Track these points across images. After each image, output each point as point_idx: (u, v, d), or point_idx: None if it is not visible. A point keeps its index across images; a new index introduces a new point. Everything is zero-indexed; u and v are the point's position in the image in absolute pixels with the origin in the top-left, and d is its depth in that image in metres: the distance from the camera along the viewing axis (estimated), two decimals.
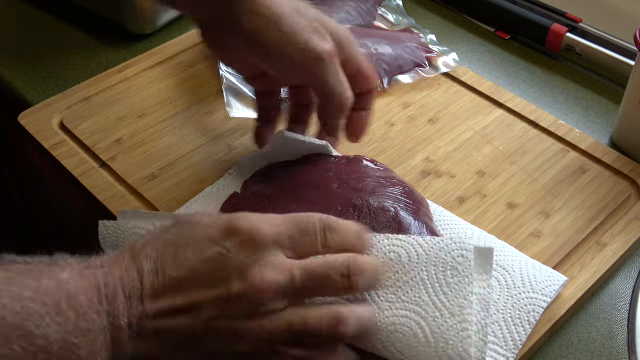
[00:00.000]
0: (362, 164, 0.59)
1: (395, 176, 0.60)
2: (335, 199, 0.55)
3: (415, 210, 0.55)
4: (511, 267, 0.54)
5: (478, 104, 0.74)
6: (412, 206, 0.56)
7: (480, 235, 0.57)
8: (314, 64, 0.54)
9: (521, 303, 0.52)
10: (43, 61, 0.81)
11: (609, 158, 0.67)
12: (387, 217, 0.54)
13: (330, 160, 0.60)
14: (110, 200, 0.64)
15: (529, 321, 0.51)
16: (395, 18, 0.86)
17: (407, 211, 0.55)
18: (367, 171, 0.59)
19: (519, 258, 0.55)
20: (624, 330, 0.55)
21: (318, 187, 0.57)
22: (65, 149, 0.69)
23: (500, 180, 0.65)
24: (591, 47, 0.78)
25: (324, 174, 0.58)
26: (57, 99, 0.74)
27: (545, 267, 0.55)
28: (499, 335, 0.50)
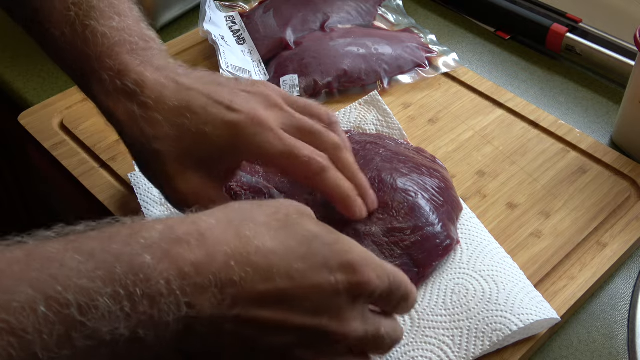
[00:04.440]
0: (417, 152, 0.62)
1: (440, 170, 0.60)
2: (370, 168, 0.57)
3: (438, 206, 0.56)
4: (503, 285, 0.53)
5: (478, 104, 0.74)
6: (437, 201, 0.56)
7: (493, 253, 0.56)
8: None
9: (492, 319, 0.51)
10: (43, 61, 0.81)
11: (609, 158, 0.67)
12: (404, 199, 0.55)
13: (398, 142, 0.63)
14: (110, 200, 0.64)
15: (490, 338, 0.50)
16: (395, 18, 0.86)
17: (428, 202, 0.55)
18: (415, 158, 0.60)
19: (518, 281, 0.54)
20: (624, 330, 0.55)
21: (365, 156, 0.59)
22: (65, 149, 0.69)
23: (500, 180, 0.65)
24: (591, 47, 0.78)
25: (378, 148, 0.59)
26: (57, 99, 0.74)
27: (543, 300, 0.53)
28: (456, 341, 0.50)
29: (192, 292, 0.36)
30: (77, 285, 0.33)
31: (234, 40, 0.80)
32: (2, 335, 0.31)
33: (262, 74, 0.76)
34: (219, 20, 0.81)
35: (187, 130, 0.48)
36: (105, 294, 0.34)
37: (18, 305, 0.32)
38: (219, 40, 0.77)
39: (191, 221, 0.39)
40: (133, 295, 0.34)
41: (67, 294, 0.33)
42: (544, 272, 0.57)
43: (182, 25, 0.86)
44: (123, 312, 0.34)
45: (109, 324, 0.34)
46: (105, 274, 0.34)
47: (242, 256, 0.38)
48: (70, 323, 0.33)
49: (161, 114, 0.49)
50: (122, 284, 0.34)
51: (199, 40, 0.81)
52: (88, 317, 0.33)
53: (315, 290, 0.39)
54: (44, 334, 0.32)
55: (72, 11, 0.52)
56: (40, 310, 0.32)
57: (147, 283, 0.35)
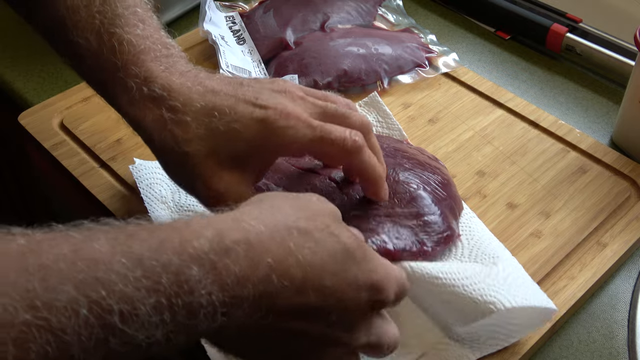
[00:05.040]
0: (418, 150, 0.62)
1: (441, 168, 0.60)
2: None
3: (440, 199, 0.56)
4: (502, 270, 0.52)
5: (478, 104, 0.74)
6: (439, 194, 0.56)
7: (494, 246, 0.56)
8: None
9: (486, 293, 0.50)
10: (43, 61, 0.81)
11: (609, 158, 0.67)
12: (406, 190, 0.55)
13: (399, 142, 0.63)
14: (110, 200, 0.64)
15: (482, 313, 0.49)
16: (395, 18, 0.86)
17: (430, 194, 0.55)
18: (417, 155, 0.60)
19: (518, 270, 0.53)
20: (624, 330, 0.55)
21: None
22: (65, 149, 0.69)
23: (500, 180, 0.65)
24: (591, 47, 0.78)
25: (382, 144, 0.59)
26: (57, 99, 0.74)
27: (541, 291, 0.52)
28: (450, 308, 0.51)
29: (230, 303, 0.36)
30: (121, 292, 0.33)
31: (234, 40, 0.80)
32: (41, 333, 0.31)
33: (262, 74, 0.76)
34: (219, 20, 0.81)
35: (217, 130, 0.49)
36: (148, 303, 0.33)
37: (60, 305, 0.31)
38: (219, 40, 0.77)
39: (241, 227, 0.38)
40: (174, 306, 0.34)
41: (110, 299, 0.32)
42: (544, 272, 0.57)
43: (182, 25, 0.86)
44: (162, 321, 0.34)
45: (146, 331, 0.34)
46: (151, 283, 0.34)
47: (282, 269, 0.38)
48: (109, 328, 0.32)
49: (190, 116, 0.49)
50: (166, 295, 0.34)
51: (199, 40, 0.81)
52: (128, 325, 0.33)
53: (341, 306, 0.40)
54: (82, 336, 0.32)
55: (97, 19, 0.52)
56: (82, 313, 0.32)
57: (190, 295, 0.35)
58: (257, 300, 0.37)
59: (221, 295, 0.36)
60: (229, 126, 0.48)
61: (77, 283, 0.32)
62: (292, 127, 0.49)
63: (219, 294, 0.36)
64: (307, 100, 0.51)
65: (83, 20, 0.52)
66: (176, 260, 0.35)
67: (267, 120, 0.48)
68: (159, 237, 0.36)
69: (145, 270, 0.34)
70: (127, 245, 0.35)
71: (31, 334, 0.30)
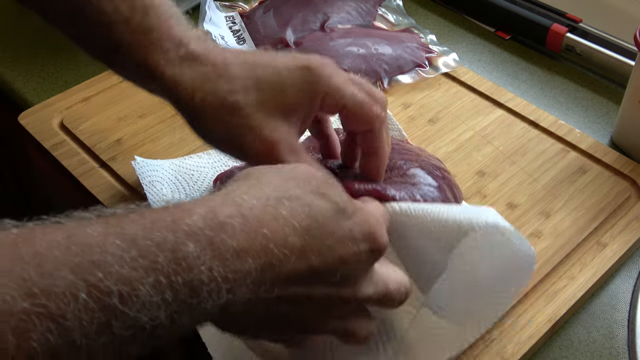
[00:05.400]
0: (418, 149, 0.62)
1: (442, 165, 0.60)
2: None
3: (438, 178, 0.55)
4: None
5: (478, 104, 0.74)
6: (438, 175, 0.55)
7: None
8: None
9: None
10: (43, 61, 0.81)
11: (609, 158, 0.67)
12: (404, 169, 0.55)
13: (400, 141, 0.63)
14: (110, 200, 0.64)
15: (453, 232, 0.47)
16: (395, 18, 0.86)
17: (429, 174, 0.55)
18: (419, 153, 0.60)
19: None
20: (624, 330, 0.55)
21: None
22: (65, 149, 0.69)
23: (500, 180, 0.65)
24: (591, 47, 0.78)
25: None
26: (57, 99, 0.74)
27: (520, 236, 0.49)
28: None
29: (233, 279, 0.36)
30: (118, 273, 0.32)
31: (234, 40, 0.80)
32: (41, 320, 0.30)
33: None
34: (219, 20, 0.82)
35: (264, 79, 0.49)
36: (147, 283, 0.33)
37: (58, 291, 0.31)
38: (219, 40, 0.77)
39: (232, 201, 0.38)
40: (174, 284, 0.34)
41: (108, 281, 0.32)
42: (544, 272, 0.57)
43: None
44: (164, 301, 0.33)
45: (149, 312, 0.33)
46: (147, 262, 0.33)
47: (280, 238, 0.38)
48: (110, 311, 0.32)
49: (234, 69, 0.50)
50: (164, 273, 0.34)
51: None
52: (129, 306, 0.32)
53: (342, 262, 0.40)
54: (83, 320, 0.31)
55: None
56: (81, 297, 0.31)
57: (189, 272, 0.34)
58: (260, 273, 0.37)
59: (222, 270, 0.35)
60: (276, 74, 0.49)
61: (73, 267, 0.32)
62: (336, 75, 0.50)
63: (220, 269, 0.35)
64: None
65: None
66: (171, 237, 0.35)
67: (312, 66, 0.50)
68: (150, 217, 0.35)
69: (140, 250, 0.34)
70: (119, 227, 0.34)
71: (31, 322, 0.30)
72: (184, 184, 0.62)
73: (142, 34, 0.51)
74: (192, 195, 0.61)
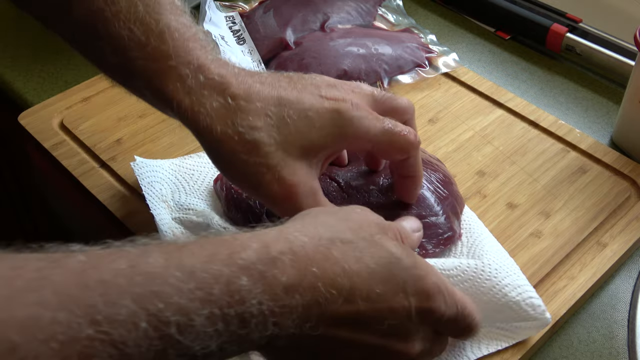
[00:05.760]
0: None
1: (442, 166, 0.60)
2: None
3: (442, 199, 0.56)
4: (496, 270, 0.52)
5: (478, 104, 0.74)
6: (441, 193, 0.56)
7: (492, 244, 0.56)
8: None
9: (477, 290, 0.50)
10: (43, 61, 0.81)
11: (609, 158, 0.67)
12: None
13: None
14: (110, 200, 0.64)
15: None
16: (395, 18, 0.86)
17: (433, 194, 0.55)
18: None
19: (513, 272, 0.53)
20: (624, 330, 0.55)
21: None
22: (65, 149, 0.69)
23: (500, 180, 0.65)
24: (591, 47, 0.78)
25: None
26: (57, 99, 0.74)
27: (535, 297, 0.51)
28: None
29: (280, 313, 0.37)
30: (177, 304, 0.34)
31: (234, 40, 0.80)
32: (104, 346, 0.31)
33: None
34: (219, 20, 0.81)
35: (288, 118, 0.47)
36: (202, 314, 0.34)
37: (121, 319, 0.32)
38: (219, 40, 0.77)
39: (285, 238, 0.39)
40: (226, 316, 0.35)
41: (167, 312, 0.33)
42: (544, 272, 0.57)
43: None
44: (216, 332, 0.35)
45: (202, 342, 0.34)
46: (204, 294, 0.35)
47: (329, 278, 0.38)
48: (167, 340, 0.33)
49: (258, 103, 0.47)
50: (218, 305, 0.35)
51: None
52: (184, 336, 0.34)
53: (391, 313, 0.40)
54: (142, 348, 0.32)
55: (139, 7, 0.49)
56: (142, 326, 0.32)
57: (241, 305, 0.35)
58: (307, 309, 0.37)
59: (271, 304, 0.36)
60: (302, 115, 0.47)
61: (135, 297, 0.33)
62: (365, 117, 0.48)
63: (269, 303, 0.36)
64: (356, 91, 0.51)
65: (124, 10, 0.49)
66: (226, 271, 0.36)
67: (341, 110, 0.48)
68: (208, 251, 0.37)
69: (198, 282, 0.35)
70: (179, 259, 0.35)
71: (94, 348, 0.31)
72: (184, 184, 0.62)
73: (158, 60, 0.48)
74: (192, 195, 0.61)
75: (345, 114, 0.48)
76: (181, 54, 0.48)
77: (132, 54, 0.49)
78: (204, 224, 0.57)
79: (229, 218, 0.58)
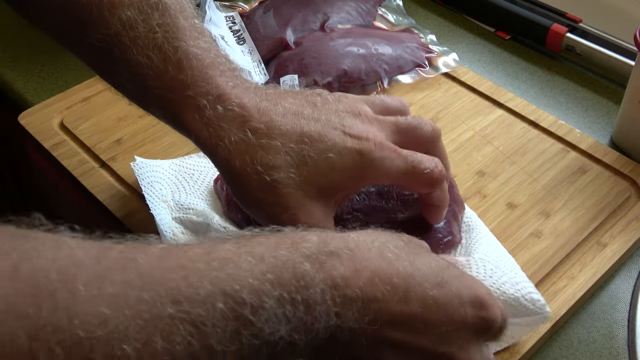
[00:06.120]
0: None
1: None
2: None
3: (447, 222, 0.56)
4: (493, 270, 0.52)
5: (478, 104, 0.74)
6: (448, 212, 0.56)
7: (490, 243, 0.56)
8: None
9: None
10: (43, 61, 0.81)
11: (609, 158, 0.67)
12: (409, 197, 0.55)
13: None
14: (110, 200, 0.64)
15: None
16: (395, 18, 0.86)
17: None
18: None
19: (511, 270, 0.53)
20: (624, 330, 0.55)
21: None
22: (65, 149, 0.69)
23: (500, 180, 0.65)
24: (591, 47, 0.78)
25: None
26: (57, 99, 0.74)
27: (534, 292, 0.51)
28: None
29: (341, 303, 0.38)
30: (251, 286, 0.36)
31: (234, 40, 0.80)
32: (185, 325, 0.33)
33: (262, 74, 0.76)
34: (219, 20, 0.81)
35: (309, 158, 0.46)
36: (273, 296, 0.36)
37: (200, 299, 0.34)
38: (219, 40, 0.77)
39: (340, 237, 0.41)
40: (294, 300, 0.37)
41: (242, 293, 0.35)
42: (544, 272, 0.57)
43: None
44: (285, 316, 0.36)
45: (272, 325, 0.36)
46: (274, 277, 0.36)
47: (385, 275, 0.40)
48: (241, 321, 0.35)
49: (278, 140, 0.46)
50: (287, 289, 0.37)
51: None
52: (257, 317, 0.35)
53: (447, 319, 0.41)
54: (218, 327, 0.34)
55: (158, 33, 0.47)
56: (218, 306, 0.34)
57: (306, 290, 0.37)
58: (366, 304, 0.39)
59: (334, 292, 0.38)
60: (323, 155, 0.46)
61: (212, 279, 0.35)
62: (387, 157, 0.47)
63: (331, 292, 0.38)
64: (380, 120, 0.50)
65: (142, 36, 0.47)
66: (292, 257, 0.38)
67: (364, 152, 0.46)
68: (274, 240, 0.39)
69: (268, 265, 0.37)
70: (249, 246, 0.38)
71: (175, 327, 0.33)
72: (184, 184, 0.62)
73: (176, 91, 0.47)
74: (192, 195, 0.61)
75: (368, 155, 0.47)
76: (199, 83, 0.47)
77: (149, 82, 0.47)
78: (204, 224, 0.57)
79: (229, 218, 0.58)
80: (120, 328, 0.31)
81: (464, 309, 0.42)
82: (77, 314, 0.31)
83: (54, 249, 0.33)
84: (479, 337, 0.43)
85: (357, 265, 0.39)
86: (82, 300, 0.31)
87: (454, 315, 0.41)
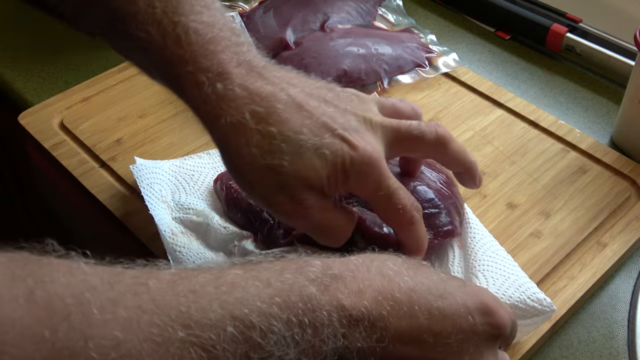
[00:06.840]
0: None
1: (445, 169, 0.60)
2: None
3: (445, 197, 0.55)
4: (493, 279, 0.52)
5: (478, 104, 0.74)
6: (444, 192, 0.56)
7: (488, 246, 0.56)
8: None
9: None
10: (43, 61, 0.81)
11: (609, 158, 0.67)
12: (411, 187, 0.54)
13: None
14: (110, 200, 0.64)
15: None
16: (395, 18, 0.86)
17: (435, 192, 0.55)
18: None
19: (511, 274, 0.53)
20: (624, 330, 0.55)
21: None
22: (65, 149, 0.69)
23: (500, 180, 0.65)
24: (591, 47, 0.78)
25: None
26: (57, 99, 0.74)
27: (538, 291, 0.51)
28: None
29: (347, 324, 0.39)
30: (259, 309, 0.36)
31: None
32: (195, 349, 0.34)
33: None
34: None
35: (304, 149, 0.45)
36: (281, 319, 0.37)
37: (210, 323, 0.35)
38: None
39: (341, 261, 0.42)
40: (302, 323, 0.37)
41: (251, 316, 0.36)
42: (544, 272, 0.57)
43: None
44: (293, 339, 0.37)
45: (281, 348, 0.36)
46: (281, 300, 0.37)
47: (387, 292, 0.40)
48: (251, 344, 0.36)
49: (276, 127, 0.45)
50: (294, 312, 0.37)
51: None
52: (266, 340, 0.36)
53: (455, 329, 0.41)
54: (228, 351, 0.35)
55: (157, 8, 0.46)
56: (229, 330, 0.35)
57: (313, 313, 0.38)
58: (372, 322, 0.39)
59: (340, 313, 0.38)
60: (316, 151, 0.45)
61: (222, 303, 0.36)
62: (371, 175, 0.46)
63: (338, 313, 0.38)
64: (383, 127, 0.48)
65: (142, 11, 0.47)
66: (297, 280, 0.39)
67: (354, 162, 0.46)
68: (280, 265, 0.40)
69: (275, 289, 0.38)
70: (256, 271, 0.39)
71: (186, 350, 0.34)
72: (184, 184, 0.62)
73: (176, 65, 0.46)
74: (192, 195, 0.61)
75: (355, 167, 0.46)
76: (199, 59, 0.46)
77: (151, 56, 0.47)
78: (204, 224, 0.57)
79: (229, 218, 0.58)
80: (133, 352, 0.32)
81: (472, 317, 0.42)
82: (92, 337, 0.31)
83: (68, 275, 0.33)
84: (490, 344, 0.43)
85: (359, 286, 0.40)
86: (97, 324, 0.32)
87: (462, 325, 0.41)
